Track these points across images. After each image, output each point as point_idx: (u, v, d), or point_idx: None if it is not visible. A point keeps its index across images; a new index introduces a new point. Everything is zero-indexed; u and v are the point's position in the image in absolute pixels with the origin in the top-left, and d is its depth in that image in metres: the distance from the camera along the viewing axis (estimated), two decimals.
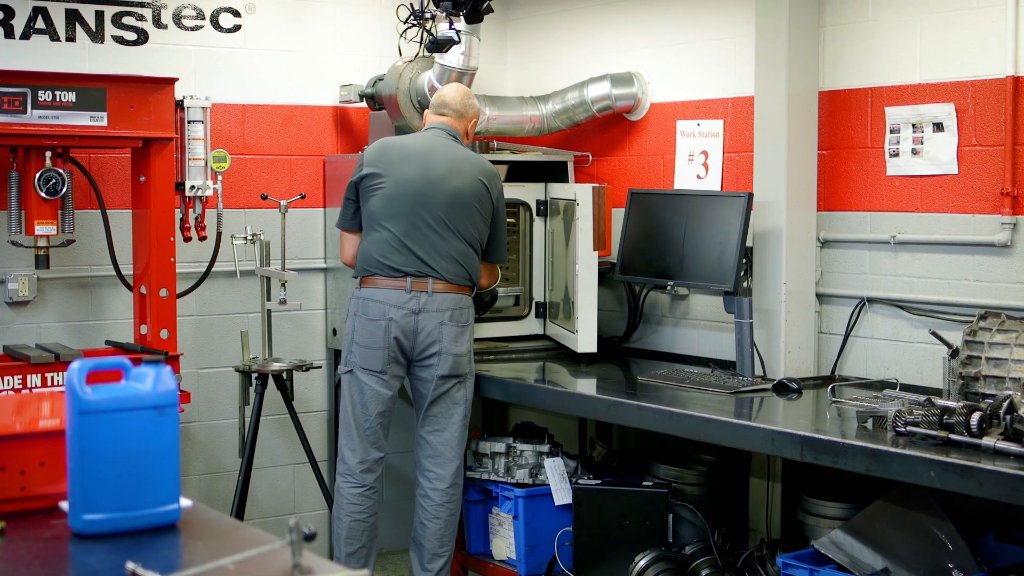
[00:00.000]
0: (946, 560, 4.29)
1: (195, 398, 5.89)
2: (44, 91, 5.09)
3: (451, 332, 5.10)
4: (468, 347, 5.18)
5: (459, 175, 5.16)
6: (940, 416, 3.90)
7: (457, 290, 5.12)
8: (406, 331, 5.08)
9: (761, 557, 4.88)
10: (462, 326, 5.13)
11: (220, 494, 6.07)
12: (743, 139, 5.62)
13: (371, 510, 5.26)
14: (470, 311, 5.19)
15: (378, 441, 5.23)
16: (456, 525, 5.28)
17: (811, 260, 5.30)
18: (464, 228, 5.15)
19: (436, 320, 5.07)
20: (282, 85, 6.26)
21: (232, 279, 5.95)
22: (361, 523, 5.24)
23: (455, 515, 5.26)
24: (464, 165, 5.19)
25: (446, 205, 5.12)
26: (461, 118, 5.33)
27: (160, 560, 2.37)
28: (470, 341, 5.20)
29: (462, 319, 5.13)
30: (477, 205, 5.17)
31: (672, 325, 6.03)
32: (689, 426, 4.55)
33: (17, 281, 5.61)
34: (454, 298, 5.11)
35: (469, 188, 5.15)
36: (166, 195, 5.44)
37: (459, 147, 5.27)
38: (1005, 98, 4.67)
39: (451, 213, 5.12)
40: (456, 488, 5.24)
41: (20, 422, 2.77)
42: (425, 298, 5.07)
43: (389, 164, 5.17)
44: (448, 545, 5.24)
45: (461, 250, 5.14)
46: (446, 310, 5.09)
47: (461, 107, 5.33)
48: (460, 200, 5.13)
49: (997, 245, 4.73)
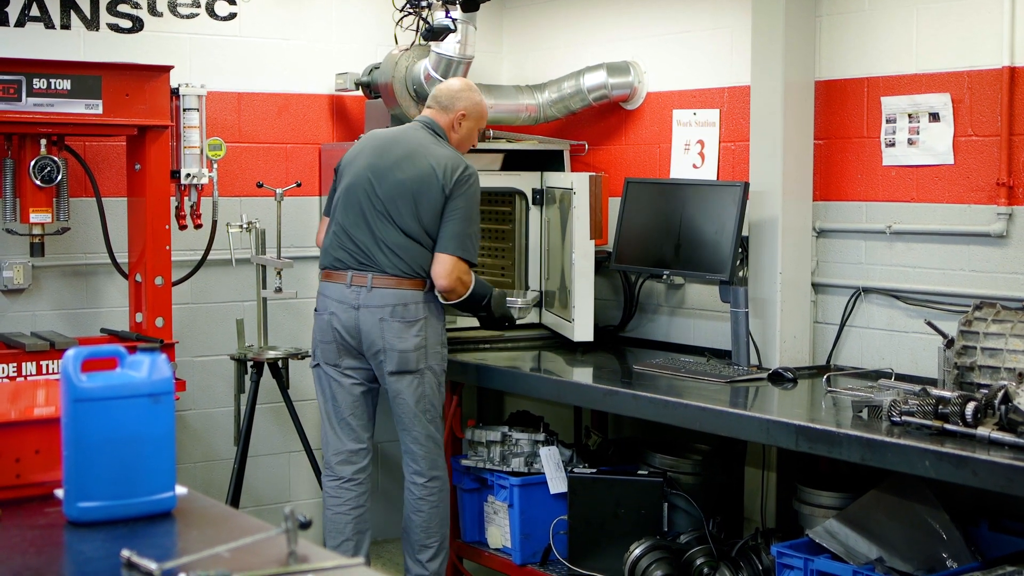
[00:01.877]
0: (940, 550, 4.30)
1: (190, 386, 5.89)
2: (39, 79, 5.08)
3: (393, 328, 4.95)
4: (419, 343, 4.98)
5: (409, 165, 4.99)
6: (935, 406, 3.90)
7: (398, 284, 4.95)
8: (347, 326, 5.01)
9: (756, 546, 4.89)
10: (407, 322, 4.96)
11: (215, 482, 6.07)
12: (739, 128, 5.62)
13: (352, 503, 5.18)
14: (420, 307, 4.97)
15: (353, 432, 5.17)
16: (442, 516, 5.20)
17: (807, 250, 5.30)
18: (407, 220, 4.95)
19: (376, 316, 4.95)
20: (278, 73, 6.24)
21: (227, 267, 5.95)
22: (341, 516, 5.17)
23: (437, 507, 5.17)
24: (419, 155, 5.01)
25: (389, 196, 4.98)
26: (445, 111, 5.15)
27: (155, 548, 2.37)
28: (424, 336, 4.99)
29: (408, 315, 4.95)
30: (423, 195, 4.94)
31: (668, 314, 6.03)
32: (684, 415, 4.55)
33: (12, 269, 5.61)
34: (396, 293, 4.95)
35: (415, 178, 4.96)
36: (161, 183, 5.44)
37: (426, 138, 5.09)
38: (1001, 88, 4.67)
39: (394, 204, 4.97)
40: (435, 481, 5.15)
41: (15, 410, 2.77)
42: (365, 293, 4.97)
43: (356, 156, 5.13)
44: (435, 536, 5.18)
45: (402, 243, 4.95)
46: (386, 306, 4.95)
47: (447, 100, 5.16)
48: (403, 190, 4.96)
49: (992, 235, 4.73)
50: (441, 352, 5.10)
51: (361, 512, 5.21)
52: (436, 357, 5.07)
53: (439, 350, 5.09)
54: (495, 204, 6.39)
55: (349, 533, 5.17)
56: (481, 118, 5.23)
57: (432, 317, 5.02)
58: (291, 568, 2.24)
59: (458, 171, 4.98)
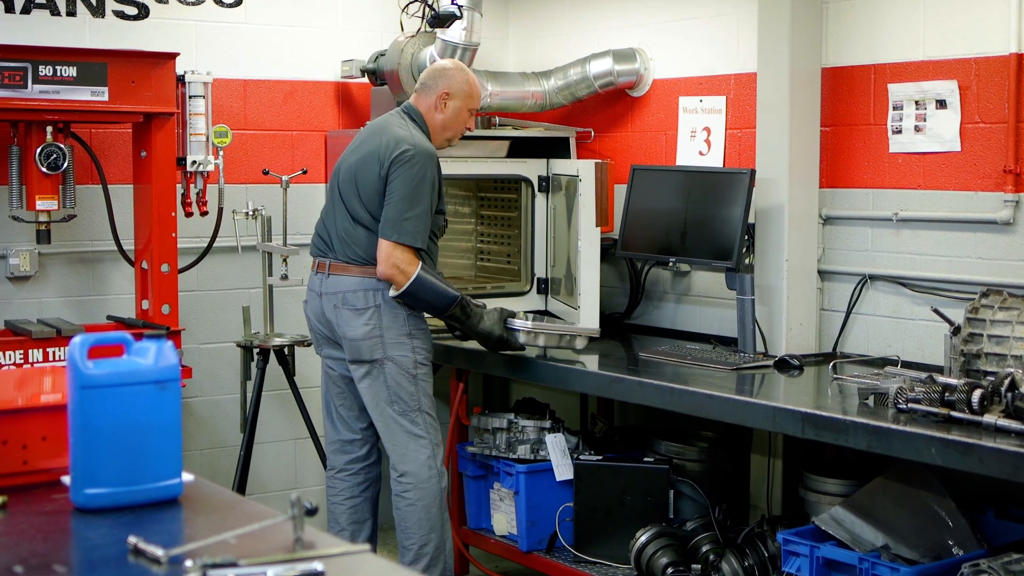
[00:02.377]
0: (946, 537, 4.30)
1: (197, 373, 5.90)
2: (45, 66, 5.08)
3: (344, 316, 4.83)
4: (369, 332, 4.80)
5: (359, 150, 4.88)
6: (941, 393, 3.90)
7: (349, 271, 4.83)
8: (316, 314, 4.96)
9: (762, 533, 4.89)
10: (357, 310, 4.81)
11: (222, 469, 6.08)
12: (746, 116, 5.61)
13: (346, 493, 5.09)
14: (370, 294, 4.80)
15: (344, 423, 5.08)
16: (419, 519, 4.89)
17: (813, 237, 5.29)
18: (353, 204, 4.83)
19: (331, 303, 4.87)
20: (284, 60, 6.24)
21: (233, 254, 5.95)
22: (336, 506, 5.11)
23: (413, 506, 4.88)
24: (371, 139, 4.86)
25: (342, 183, 4.90)
26: (425, 92, 4.93)
27: (162, 534, 2.38)
28: (377, 325, 4.80)
29: (358, 303, 4.81)
30: (363, 177, 4.80)
31: (674, 302, 6.03)
32: (690, 402, 4.55)
33: (18, 256, 5.61)
34: (347, 280, 4.83)
35: (359, 162, 4.84)
36: (167, 170, 5.44)
37: (392, 120, 4.92)
38: (1008, 75, 4.66)
39: (344, 190, 4.88)
40: (409, 477, 4.88)
41: (22, 397, 2.77)
42: (324, 280, 4.90)
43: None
44: (412, 538, 4.91)
45: (349, 228, 4.84)
46: (338, 292, 4.85)
47: (429, 80, 4.95)
48: (350, 175, 4.85)
49: (999, 223, 4.72)
50: (409, 343, 4.86)
51: (357, 503, 5.10)
52: (400, 347, 4.84)
53: (404, 341, 4.85)
54: (501, 191, 6.39)
55: (344, 523, 5.10)
56: (470, 97, 4.97)
57: (388, 305, 4.81)
58: (297, 554, 2.24)
59: (397, 150, 4.74)
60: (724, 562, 4.86)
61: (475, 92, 5.01)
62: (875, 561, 4.12)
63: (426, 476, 4.88)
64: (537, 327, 5.08)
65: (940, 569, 4.11)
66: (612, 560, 5.21)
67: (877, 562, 4.12)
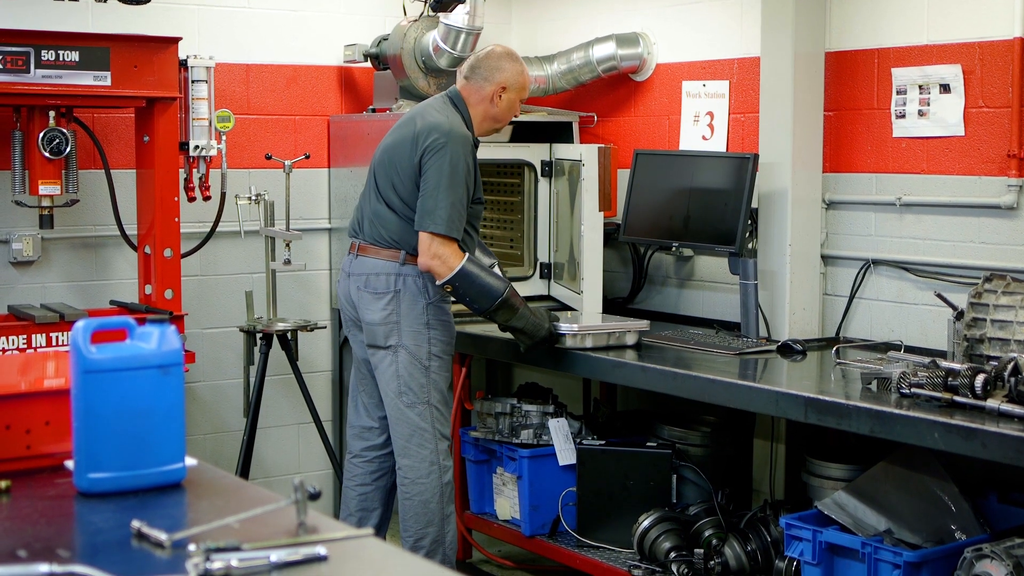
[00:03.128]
0: (949, 522, 4.30)
1: (200, 358, 5.90)
2: (47, 50, 5.07)
3: (365, 299, 4.80)
4: (386, 317, 4.76)
5: (395, 133, 4.84)
6: (944, 378, 3.90)
7: (374, 254, 4.79)
8: (345, 294, 4.93)
9: (764, 518, 4.90)
10: (376, 294, 4.77)
11: (225, 454, 6.09)
12: (749, 100, 5.60)
13: (358, 479, 5.06)
14: (392, 279, 4.75)
15: (368, 409, 5.05)
16: (416, 512, 4.83)
17: (816, 222, 5.29)
18: (385, 188, 4.79)
19: (355, 285, 4.85)
20: (286, 45, 6.23)
21: (236, 239, 5.95)
22: (348, 490, 5.09)
23: (409, 499, 4.84)
24: (408, 124, 4.80)
25: (376, 165, 4.86)
26: (478, 83, 4.82)
27: (165, 518, 2.38)
28: (395, 311, 4.75)
29: (379, 287, 4.77)
30: (397, 162, 4.74)
31: (677, 286, 6.02)
32: (693, 387, 4.55)
33: (21, 241, 5.61)
34: (371, 263, 4.79)
35: (394, 145, 4.79)
36: (170, 155, 5.44)
37: (430, 107, 4.84)
38: (1013, 60, 4.64)
39: (378, 172, 4.84)
40: (407, 471, 4.83)
41: (25, 381, 2.77)
42: (352, 262, 4.88)
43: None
44: (410, 530, 4.85)
45: (378, 211, 4.80)
46: (362, 275, 4.82)
47: (484, 71, 4.83)
48: (385, 158, 4.81)
49: (1003, 207, 4.71)
50: (425, 333, 4.80)
51: (367, 491, 5.06)
52: (415, 337, 4.78)
53: (420, 330, 4.78)
54: (504, 176, 6.38)
55: (352, 509, 5.08)
56: (523, 88, 4.91)
57: (408, 292, 4.76)
58: (300, 539, 2.24)
59: (430, 137, 4.67)
60: (727, 547, 4.86)
61: (527, 83, 4.97)
62: (878, 546, 4.13)
63: (425, 472, 4.83)
64: (584, 328, 5.02)
65: (943, 554, 4.11)
66: (615, 545, 5.21)
67: (880, 547, 4.12)
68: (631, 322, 5.16)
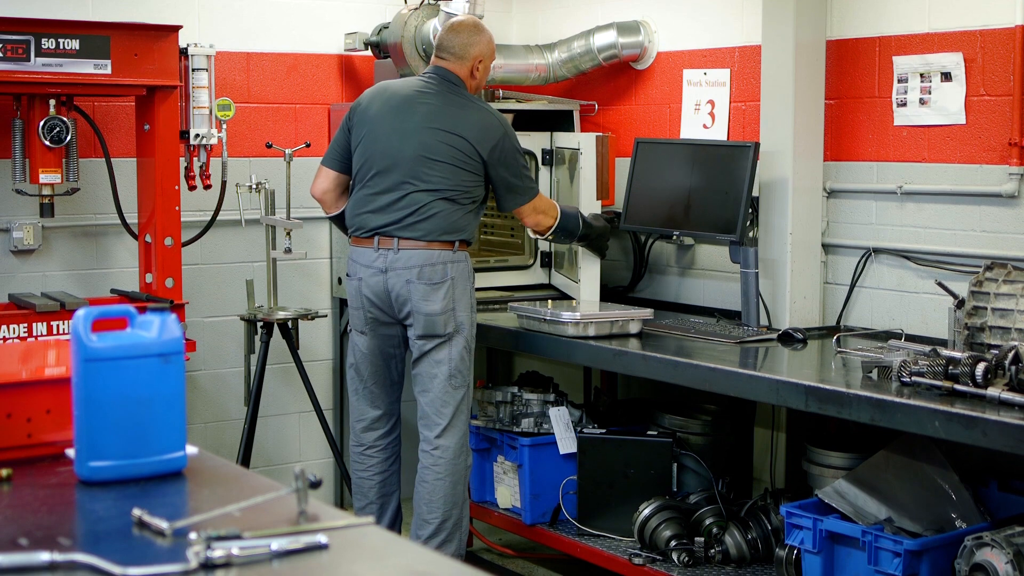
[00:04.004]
0: (949, 510, 4.31)
1: (200, 347, 5.90)
2: (47, 39, 5.07)
3: (419, 291, 4.85)
4: (446, 305, 4.87)
5: (435, 127, 4.89)
6: (945, 366, 3.90)
7: (427, 246, 4.85)
8: (376, 291, 4.92)
9: (765, 506, 4.90)
10: (433, 284, 4.85)
11: (226, 442, 6.09)
12: (750, 88, 5.59)
13: (375, 468, 5.16)
14: (447, 267, 4.86)
15: (376, 400, 5.13)
16: (446, 492, 4.95)
17: (817, 210, 5.28)
18: (438, 182, 4.86)
19: (403, 279, 4.86)
20: (287, 33, 6.22)
21: (237, 228, 5.95)
22: (365, 480, 5.18)
23: (442, 479, 4.95)
24: (445, 116, 4.91)
25: (417, 159, 4.87)
26: (458, 60, 5.00)
27: (166, 507, 2.38)
28: (451, 299, 4.87)
29: (435, 276, 4.85)
30: (458, 163, 4.88)
31: (678, 275, 6.02)
32: (694, 376, 4.55)
33: (22, 230, 5.61)
34: (423, 255, 4.85)
35: (447, 142, 4.87)
36: (171, 143, 5.43)
37: (447, 93, 4.97)
38: (1014, 48, 4.64)
39: (423, 167, 4.87)
40: (444, 451, 4.96)
41: (26, 370, 2.77)
42: (392, 256, 4.88)
43: (373, 117, 4.98)
44: (436, 511, 4.96)
45: (431, 204, 4.86)
46: (413, 267, 4.85)
47: (457, 48, 4.99)
48: (434, 154, 4.87)
49: (1004, 196, 4.71)
50: (471, 317, 4.97)
51: (385, 476, 5.18)
52: (469, 320, 4.95)
53: (468, 314, 4.95)
54: None
55: (373, 497, 5.18)
56: (493, 55, 5.15)
57: (460, 279, 4.91)
58: (301, 527, 2.25)
59: (492, 138, 4.93)
60: (727, 535, 4.87)
61: (494, 48, 5.19)
62: (878, 534, 4.13)
63: (459, 452, 4.99)
64: (587, 317, 5.05)
65: (943, 542, 4.11)
66: (615, 533, 5.22)
67: (880, 535, 4.12)
68: (635, 311, 5.16)
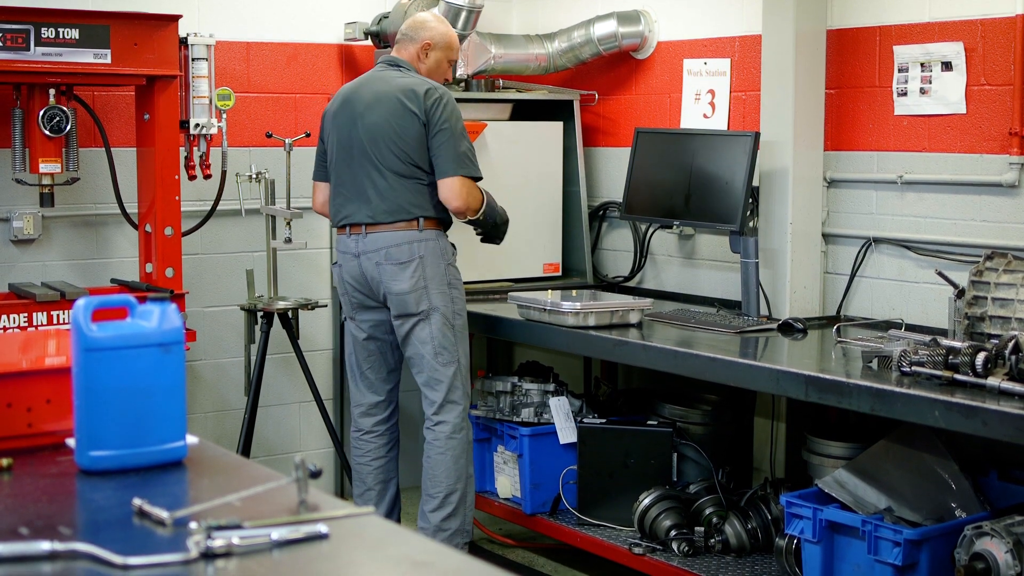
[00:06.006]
0: (949, 500, 4.31)
1: (201, 336, 5.90)
2: (47, 28, 5.06)
3: (388, 271, 4.91)
4: (415, 284, 4.90)
5: (377, 105, 4.94)
6: (945, 356, 3.90)
7: (391, 227, 4.91)
8: (354, 276, 5.01)
9: (765, 496, 4.91)
10: (401, 264, 4.89)
11: (226, 432, 6.10)
12: (750, 78, 5.59)
13: (373, 454, 5.22)
14: (413, 246, 4.90)
15: (373, 385, 5.20)
16: (447, 466, 5.02)
17: (817, 200, 5.28)
18: (389, 160, 4.91)
19: (373, 261, 4.93)
20: (286, 23, 6.21)
21: (237, 217, 5.94)
22: (363, 466, 5.24)
23: (444, 454, 5.03)
24: (384, 93, 4.95)
25: (368, 141, 4.94)
26: (407, 43, 5.08)
27: (167, 496, 2.38)
28: (421, 277, 4.90)
29: (401, 256, 4.89)
30: (399, 130, 4.89)
31: (678, 265, 6.02)
32: (694, 366, 4.55)
33: (22, 219, 5.61)
34: (388, 236, 4.91)
35: (386, 115, 4.91)
36: (170, 133, 5.43)
37: (391, 75, 5.02)
38: (1015, 37, 4.63)
39: (373, 148, 4.93)
40: (443, 426, 5.02)
41: (26, 359, 2.77)
42: (362, 241, 4.96)
43: (333, 115, 5.10)
44: (440, 486, 5.03)
45: (389, 185, 4.91)
46: (380, 249, 4.92)
47: (411, 32, 5.08)
48: (379, 132, 4.92)
49: (1004, 185, 4.71)
50: (449, 293, 4.98)
51: (383, 463, 5.24)
52: (442, 297, 4.96)
53: (445, 290, 4.97)
54: None
55: (371, 483, 5.23)
56: (449, 48, 5.11)
57: (431, 257, 4.93)
58: (302, 516, 2.25)
59: (430, 96, 4.88)
60: (727, 524, 4.87)
61: (454, 43, 5.16)
62: (878, 523, 4.13)
63: (459, 427, 5.04)
64: (587, 307, 5.05)
65: (943, 531, 4.12)
66: (615, 523, 5.22)
67: (880, 524, 4.13)
68: (635, 301, 5.16)
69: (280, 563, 2.08)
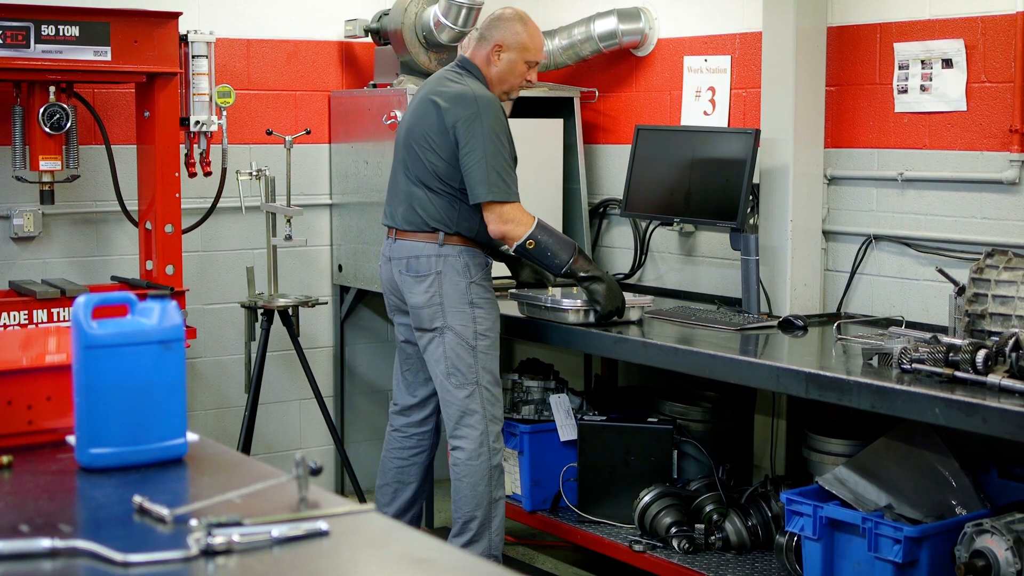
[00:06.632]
0: (949, 497, 4.31)
1: (201, 334, 5.90)
2: (47, 25, 5.06)
3: (407, 282, 4.78)
4: (429, 299, 4.74)
5: (416, 110, 4.79)
6: (945, 353, 3.90)
7: (412, 237, 4.77)
8: (388, 279, 4.92)
9: (765, 493, 4.91)
10: (418, 276, 4.74)
11: (227, 429, 6.10)
12: (750, 75, 5.59)
13: (396, 452, 5.11)
14: (432, 260, 4.73)
15: (411, 386, 5.08)
16: (465, 494, 4.81)
17: (818, 197, 5.28)
18: (417, 168, 4.73)
19: (396, 268, 4.83)
20: (287, 20, 6.21)
21: (237, 215, 5.94)
22: (387, 460, 5.14)
23: (460, 480, 4.82)
24: (428, 98, 4.74)
25: (403, 146, 4.82)
26: (481, 44, 4.81)
27: (167, 494, 2.38)
28: (437, 294, 4.73)
29: (420, 269, 4.74)
30: (429, 141, 4.70)
31: (678, 262, 6.02)
32: (694, 363, 4.55)
33: (22, 217, 5.61)
34: (409, 246, 4.77)
35: (419, 121, 4.73)
36: (171, 130, 5.43)
37: (447, 75, 4.82)
38: (1015, 34, 4.63)
39: (407, 154, 4.78)
40: (458, 452, 4.82)
41: (27, 357, 2.77)
42: (391, 246, 4.86)
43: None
44: (460, 512, 4.83)
45: (412, 193, 4.75)
46: (401, 258, 4.79)
47: (484, 31, 4.82)
48: (412, 138, 4.75)
49: (1005, 182, 4.71)
50: (470, 313, 4.76)
51: (403, 464, 5.10)
52: (460, 316, 4.74)
53: (465, 309, 4.75)
54: None
55: (389, 479, 5.13)
56: (524, 49, 4.78)
57: (450, 273, 4.74)
58: (302, 514, 2.25)
59: (459, 107, 4.64)
60: (727, 522, 4.87)
61: (532, 44, 4.84)
62: (878, 521, 4.13)
63: (475, 453, 4.80)
64: (587, 304, 4.96)
65: (943, 528, 4.12)
66: (616, 520, 5.22)
67: (880, 522, 4.13)
68: (635, 297, 5.15)
69: (280, 560, 2.08)
